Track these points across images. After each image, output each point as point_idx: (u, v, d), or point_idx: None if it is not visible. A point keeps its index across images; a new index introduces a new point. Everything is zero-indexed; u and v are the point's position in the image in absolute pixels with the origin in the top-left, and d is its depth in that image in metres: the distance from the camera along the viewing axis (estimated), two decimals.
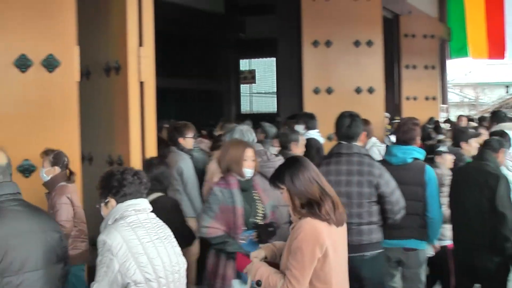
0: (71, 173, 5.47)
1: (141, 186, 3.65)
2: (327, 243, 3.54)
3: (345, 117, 5.32)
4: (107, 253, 3.35)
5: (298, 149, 6.75)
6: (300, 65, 11.26)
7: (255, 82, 24.29)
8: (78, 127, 5.67)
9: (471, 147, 7.08)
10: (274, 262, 3.84)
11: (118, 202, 3.57)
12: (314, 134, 8.04)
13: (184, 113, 17.49)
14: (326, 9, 11.20)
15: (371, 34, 11.37)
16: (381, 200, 5.10)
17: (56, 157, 5.36)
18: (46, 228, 3.49)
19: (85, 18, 6.00)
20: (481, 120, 14.51)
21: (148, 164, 5.36)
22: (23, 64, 5.46)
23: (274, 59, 23.32)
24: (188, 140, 6.91)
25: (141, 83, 5.73)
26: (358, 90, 11.23)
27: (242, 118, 18.51)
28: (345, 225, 3.79)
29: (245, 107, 24.46)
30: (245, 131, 5.69)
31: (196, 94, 19.66)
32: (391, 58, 15.28)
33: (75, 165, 5.65)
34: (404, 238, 5.62)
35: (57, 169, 5.39)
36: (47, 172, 5.38)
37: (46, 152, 5.37)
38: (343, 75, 11.25)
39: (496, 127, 9.12)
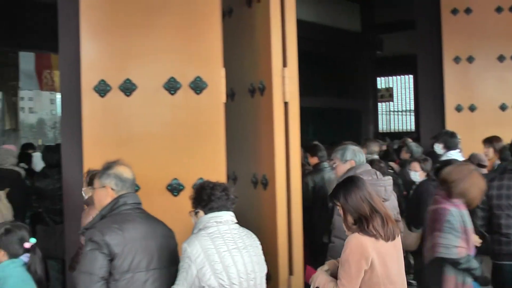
0: None
1: (228, 202, 4.02)
2: (372, 256, 3.91)
3: None
4: (187, 259, 3.78)
5: None
6: (441, 82, 10.98)
7: (392, 100, 24.00)
8: (224, 147, 5.77)
9: None
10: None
11: (206, 213, 3.99)
12: (454, 154, 7.68)
13: (321, 132, 17.50)
14: (468, 23, 10.86)
15: None
16: None
17: (91, 178, 5.48)
18: (166, 234, 4.07)
19: (229, 40, 6.14)
20: None
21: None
22: (172, 86, 5.66)
23: (411, 76, 22.96)
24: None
25: (285, 103, 5.77)
26: (503, 107, 10.77)
27: (380, 137, 18.31)
28: (397, 240, 4.12)
29: (381, 126, 24.20)
30: (357, 151, 5.62)
31: (333, 113, 19.62)
32: None
33: None
34: None
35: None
36: (85, 191, 5.44)
37: (87, 172, 5.46)
38: (487, 92, 10.84)
39: None
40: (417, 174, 7.26)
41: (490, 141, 7.94)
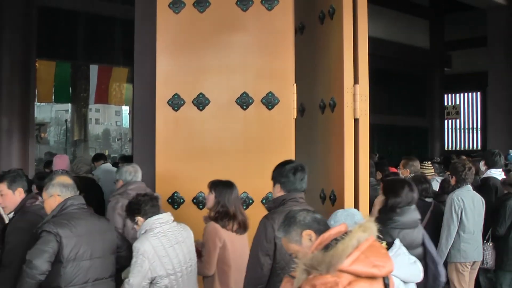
0: None
1: (153, 201, 4.74)
2: (224, 237, 4.99)
3: None
4: (140, 256, 4.48)
5: None
6: None
7: (459, 118, 23.62)
8: None
9: None
10: None
11: (144, 217, 4.67)
12: (495, 173, 7.65)
13: (387, 149, 17.38)
14: None
15: None
16: None
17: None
18: (106, 228, 4.75)
19: (301, 56, 6.20)
20: None
21: None
22: (244, 102, 5.77)
23: (479, 93, 22.60)
24: None
25: (356, 120, 5.78)
26: None
27: (446, 154, 18.05)
28: (245, 235, 5.15)
29: (448, 143, 23.83)
30: (124, 172, 6.05)
31: (399, 130, 19.45)
32: None
33: None
34: None
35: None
36: None
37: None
38: None
39: None
40: None
41: None
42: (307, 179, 5.27)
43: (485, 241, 6.98)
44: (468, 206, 6.70)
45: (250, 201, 5.77)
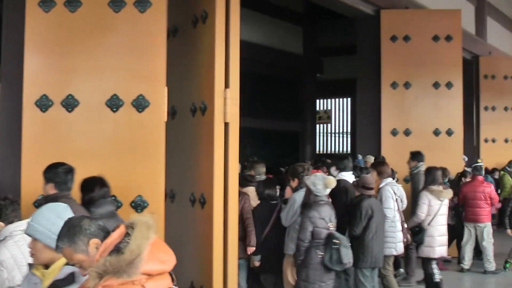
0: None
1: (14, 205, 4.52)
2: None
3: None
4: None
5: None
6: (378, 106, 11.30)
7: (330, 122, 24.39)
8: (164, 165, 5.83)
9: None
10: None
11: (5, 222, 4.42)
12: (347, 175, 8.00)
13: (260, 153, 17.64)
14: (406, 51, 11.26)
15: (450, 75, 11.37)
16: None
17: None
18: None
19: (173, 59, 6.22)
20: None
21: None
22: (114, 104, 5.71)
23: (349, 99, 23.45)
24: None
25: (226, 124, 5.86)
26: (436, 132, 11.19)
27: (316, 157, 18.59)
28: None
29: (319, 147, 24.53)
30: None
31: (272, 134, 19.79)
32: (470, 100, 15.13)
33: (159, 202, 5.81)
34: None
35: None
36: None
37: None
38: (422, 117, 11.25)
39: None
40: None
41: (373, 165, 8.74)
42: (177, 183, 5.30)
43: None
44: None
45: (119, 204, 5.69)
